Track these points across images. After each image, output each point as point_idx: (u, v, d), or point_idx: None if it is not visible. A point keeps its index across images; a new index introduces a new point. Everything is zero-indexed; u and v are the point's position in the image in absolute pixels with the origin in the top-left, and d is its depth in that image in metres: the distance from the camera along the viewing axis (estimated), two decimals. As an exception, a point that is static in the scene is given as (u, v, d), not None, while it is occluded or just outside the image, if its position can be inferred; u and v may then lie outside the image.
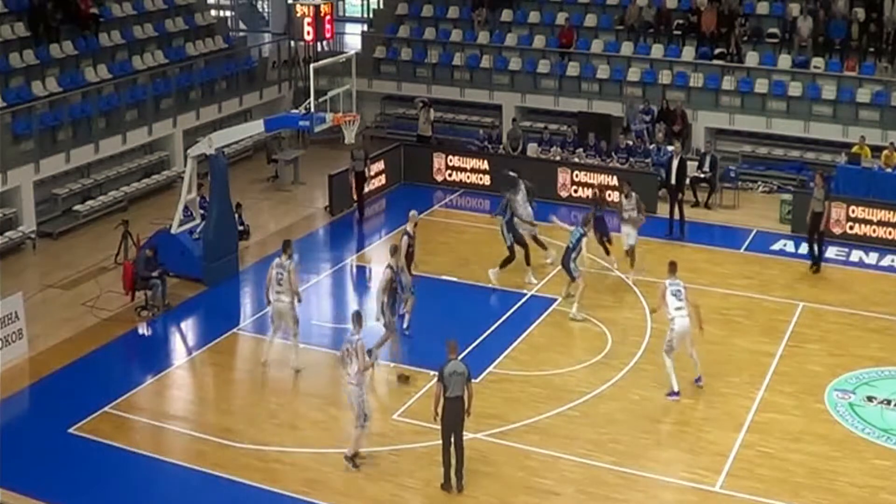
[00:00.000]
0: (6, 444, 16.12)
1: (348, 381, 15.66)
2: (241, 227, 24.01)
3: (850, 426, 17.11)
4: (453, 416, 15.01)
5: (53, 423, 16.93)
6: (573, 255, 20.77)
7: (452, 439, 15.09)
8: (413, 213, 20.73)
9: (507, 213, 22.29)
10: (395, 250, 18.79)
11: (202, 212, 22.90)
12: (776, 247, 24.62)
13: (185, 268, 22.10)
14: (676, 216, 25.14)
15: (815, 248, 23.21)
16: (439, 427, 15.15)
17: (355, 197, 26.37)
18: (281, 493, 15.29)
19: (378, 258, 23.79)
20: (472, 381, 15.37)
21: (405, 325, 19.76)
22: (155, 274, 20.74)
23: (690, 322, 17.71)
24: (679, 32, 31.27)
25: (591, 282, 22.48)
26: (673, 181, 25.20)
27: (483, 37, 33.04)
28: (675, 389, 17.63)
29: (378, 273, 21.90)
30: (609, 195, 24.59)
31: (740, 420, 17.18)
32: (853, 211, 24.85)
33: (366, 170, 26.32)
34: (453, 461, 15.17)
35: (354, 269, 23.83)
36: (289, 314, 18.69)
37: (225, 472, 15.79)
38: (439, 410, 15.04)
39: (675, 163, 25.24)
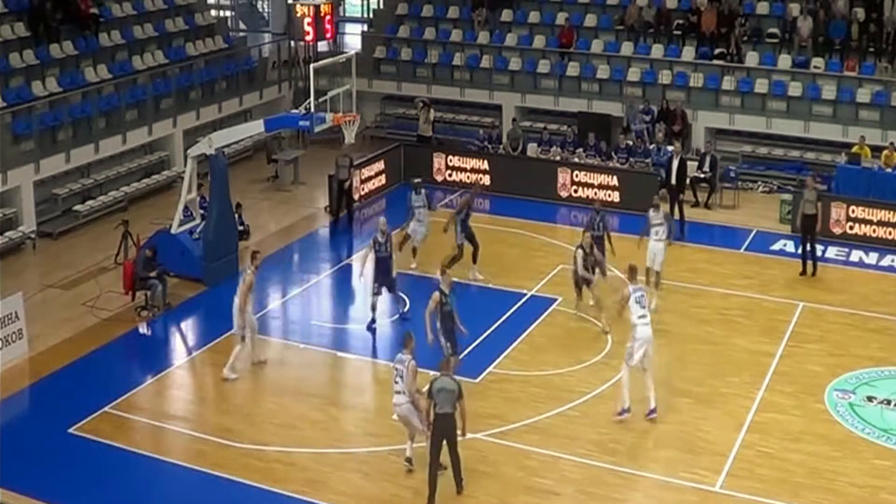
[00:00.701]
0: (6, 444, 16.11)
1: (396, 402, 15.39)
2: (241, 227, 24.00)
3: (850, 426, 17.11)
4: (442, 432, 14.81)
5: (53, 423, 16.94)
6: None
7: (447, 451, 14.86)
8: (381, 219, 20.64)
9: (464, 213, 22.18)
10: (443, 272, 18.16)
11: (202, 212, 22.91)
12: (776, 247, 24.62)
13: (185, 268, 22.11)
14: (676, 216, 25.11)
15: (810, 251, 23.12)
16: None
17: (335, 205, 26.00)
18: (281, 493, 15.29)
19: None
20: (476, 379, 15.31)
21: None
22: (153, 274, 20.74)
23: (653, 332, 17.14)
24: (679, 32, 31.27)
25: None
26: (673, 181, 25.21)
27: (483, 37, 33.04)
28: (626, 406, 17.07)
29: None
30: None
31: (740, 420, 17.19)
32: (853, 211, 24.84)
33: (350, 178, 25.99)
34: (448, 470, 15.01)
35: (353, 270, 23.77)
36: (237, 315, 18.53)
37: (225, 472, 15.79)
38: (430, 421, 14.89)
39: (675, 163, 25.26)
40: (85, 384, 18.35)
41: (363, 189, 27.23)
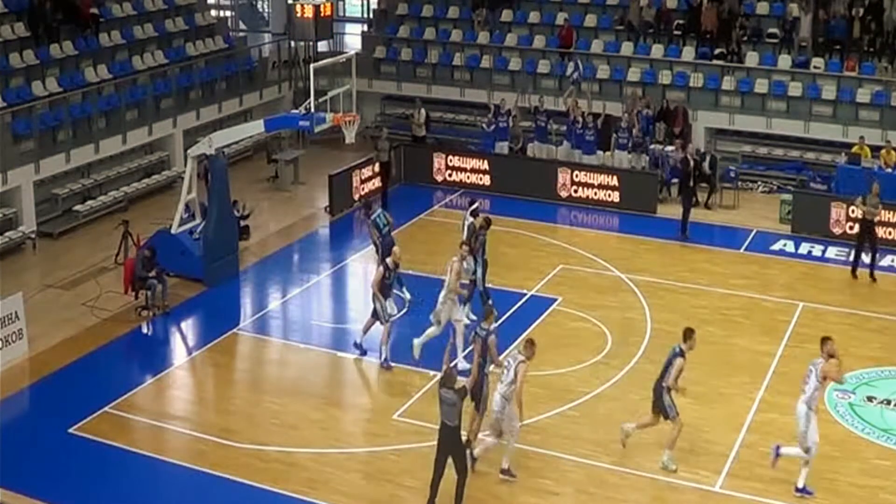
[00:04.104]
0: (6, 444, 16.14)
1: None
2: (239, 216, 23.83)
3: (850, 426, 17.14)
4: (448, 444, 14.56)
5: (53, 423, 16.94)
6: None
7: (449, 464, 14.61)
8: (395, 248, 20.13)
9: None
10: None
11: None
12: (776, 247, 24.63)
13: (186, 268, 22.12)
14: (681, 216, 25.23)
15: (863, 255, 22.99)
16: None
17: (384, 186, 26.82)
18: (281, 494, 15.28)
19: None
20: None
21: (383, 358, 18.89)
22: (152, 274, 20.72)
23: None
24: (679, 32, 31.28)
25: (590, 281, 22.49)
26: (691, 182, 25.24)
27: (483, 37, 33.02)
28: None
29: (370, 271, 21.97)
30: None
31: (740, 420, 17.21)
32: (853, 211, 24.79)
33: (391, 159, 26.59)
34: (452, 488, 14.73)
35: (355, 270, 23.79)
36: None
37: (225, 472, 15.80)
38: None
39: (691, 163, 25.27)
40: (85, 384, 18.36)
41: (363, 189, 27.22)
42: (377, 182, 27.76)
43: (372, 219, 21.65)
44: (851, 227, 24.82)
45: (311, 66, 21.97)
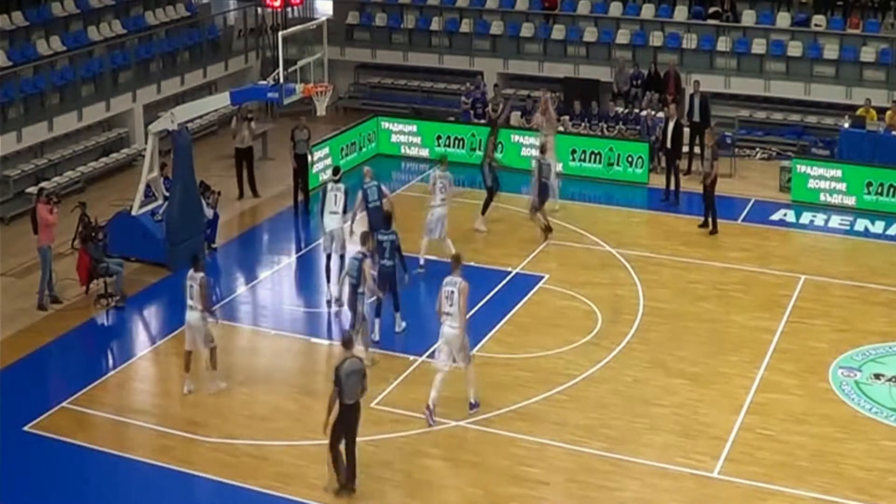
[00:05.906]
0: (-43, 445, 16.06)
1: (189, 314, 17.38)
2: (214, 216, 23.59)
3: (856, 406, 17.13)
4: (344, 426, 14.53)
5: (8, 421, 16.79)
6: None
7: (342, 447, 14.70)
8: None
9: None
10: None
11: (166, 192, 22.81)
12: (776, 217, 24.65)
13: (148, 252, 22.02)
14: (672, 185, 25.13)
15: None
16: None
17: (297, 187, 25.51)
18: (252, 490, 15.23)
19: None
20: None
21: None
22: (115, 259, 20.63)
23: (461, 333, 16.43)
24: (670, -9, 31.24)
25: (579, 256, 22.46)
26: (668, 145, 25.18)
27: (462, -1, 32.97)
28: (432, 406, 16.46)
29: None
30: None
31: (739, 401, 17.18)
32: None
33: (308, 153, 25.62)
34: (343, 465, 14.84)
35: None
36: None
37: (192, 468, 15.74)
38: (331, 420, 14.48)
39: (670, 126, 25.21)
40: (41, 379, 18.29)
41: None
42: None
43: (363, 188, 21.11)
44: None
45: (280, 33, 21.95)
